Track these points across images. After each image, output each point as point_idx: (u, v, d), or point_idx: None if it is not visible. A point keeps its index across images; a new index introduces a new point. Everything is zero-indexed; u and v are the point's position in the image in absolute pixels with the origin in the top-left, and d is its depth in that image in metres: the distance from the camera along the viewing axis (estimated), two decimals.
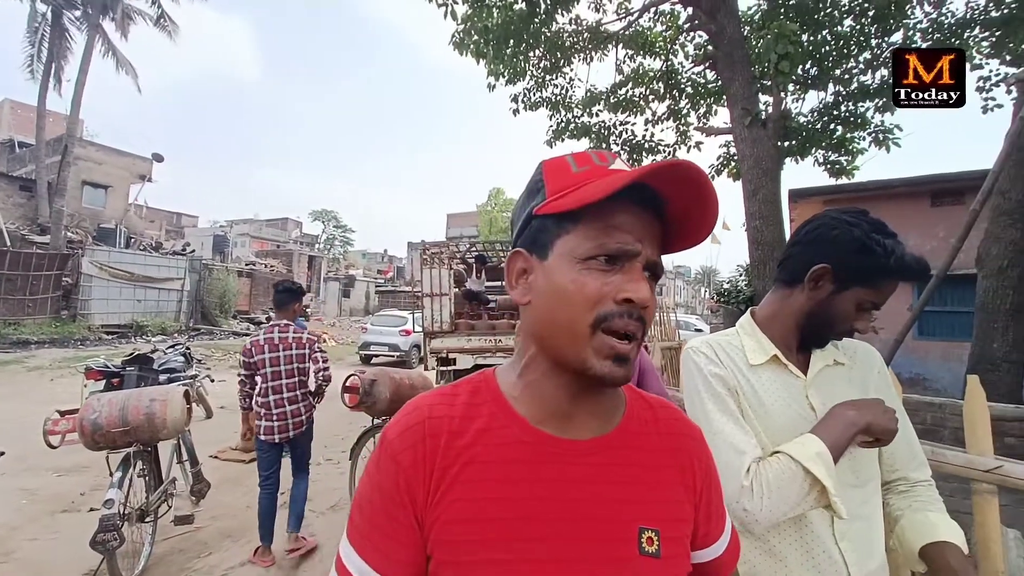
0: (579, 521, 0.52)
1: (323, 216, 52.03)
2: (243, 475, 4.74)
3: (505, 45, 6.74)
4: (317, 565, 3.11)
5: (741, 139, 5.66)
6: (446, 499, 0.52)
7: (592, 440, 0.56)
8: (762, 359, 0.99)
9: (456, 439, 0.54)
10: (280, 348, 3.20)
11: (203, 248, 25.13)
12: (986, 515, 1.30)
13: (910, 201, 8.19)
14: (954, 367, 7.64)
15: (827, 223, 0.96)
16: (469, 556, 0.50)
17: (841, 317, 0.94)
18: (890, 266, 0.88)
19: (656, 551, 0.52)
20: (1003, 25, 5.93)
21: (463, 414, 0.56)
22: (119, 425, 2.66)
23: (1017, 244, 4.56)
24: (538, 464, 0.53)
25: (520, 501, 0.51)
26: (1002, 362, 4.48)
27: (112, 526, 2.44)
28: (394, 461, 0.53)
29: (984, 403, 1.33)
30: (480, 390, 0.58)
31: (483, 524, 0.51)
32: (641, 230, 0.51)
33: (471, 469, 0.52)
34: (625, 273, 0.51)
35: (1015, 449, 3.02)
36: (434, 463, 0.53)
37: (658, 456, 0.58)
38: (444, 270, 7.32)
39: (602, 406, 0.57)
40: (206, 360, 12.16)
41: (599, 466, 0.54)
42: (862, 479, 0.96)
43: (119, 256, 16.96)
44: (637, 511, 0.54)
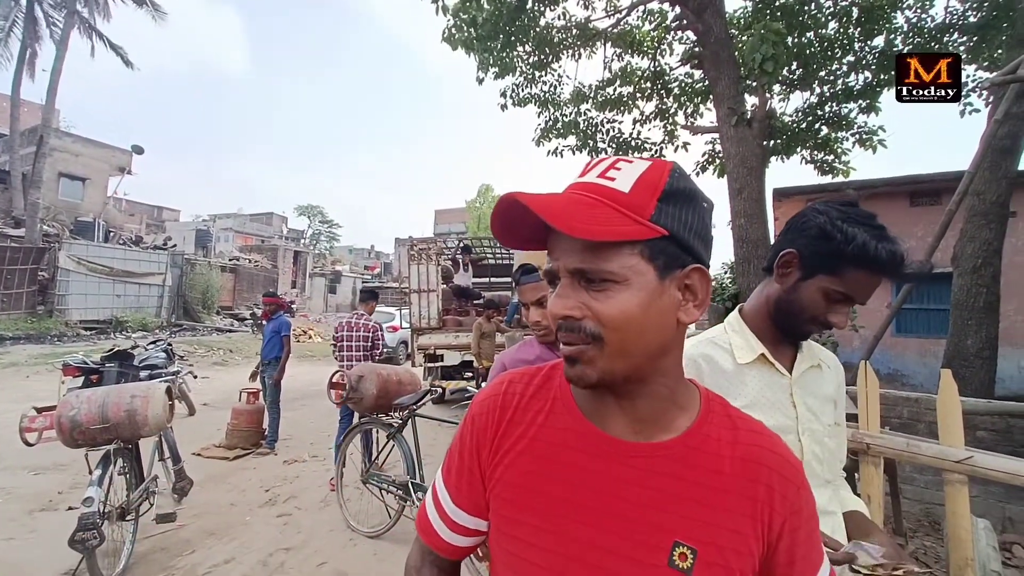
0: (615, 517, 0.54)
1: (309, 211, 51.27)
2: (227, 472, 4.68)
3: (494, 39, 6.72)
4: (304, 561, 3.09)
5: (727, 138, 5.73)
6: (504, 462, 0.61)
7: (643, 444, 0.56)
8: (750, 357, 0.99)
9: (521, 414, 0.62)
10: (354, 329, 4.78)
11: (185, 243, 24.65)
12: (957, 504, 1.34)
13: (890, 201, 8.37)
14: (930, 363, 7.85)
15: (802, 212, 0.98)
16: (514, 514, 0.59)
17: (808, 305, 0.94)
18: (848, 253, 0.87)
19: (688, 568, 0.52)
20: (979, 31, 6.08)
21: (533, 394, 0.63)
22: (99, 422, 2.60)
23: (990, 244, 4.70)
24: (586, 455, 0.57)
25: (564, 484, 0.57)
26: (975, 358, 4.62)
27: (91, 524, 2.40)
28: (472, 422, 0.65)
29: (956, 396, 1.37)
30: (555, 377, 0.64)
31: (528, 492, 0.58)
32: (557, 245, 0.54)
33: (526, 443, 0.60)
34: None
35: (986, 442, 3.13)
36: (498, 430, 0.62)
37: (722, 479, 0.55)
38: (432, 266, 7.29)
39: (638, 410, 0.57)
40: (189, 357, 11.96)
41: (645, 471, 0.55)
42: (833, 475, 1.01)
43: (98, 250, 16.57)
44: (676, 524, 0.53)
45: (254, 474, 4.68)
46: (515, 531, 0.58)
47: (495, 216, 0.55)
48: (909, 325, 8.61)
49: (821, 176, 7.53)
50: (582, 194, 0.53)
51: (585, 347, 0.52)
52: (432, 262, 7.34)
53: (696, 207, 0.54)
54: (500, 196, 0.54)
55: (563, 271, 0.54)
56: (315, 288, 31.05)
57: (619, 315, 0.51)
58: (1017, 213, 6.23)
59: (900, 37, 6.75)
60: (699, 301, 0.54)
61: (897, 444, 1.46)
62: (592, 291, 0.52)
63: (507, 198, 0.52)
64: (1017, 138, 4.68)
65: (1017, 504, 3.22)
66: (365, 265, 44.81)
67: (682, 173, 0.54)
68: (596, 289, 0.52)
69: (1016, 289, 6.92)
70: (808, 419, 0.98)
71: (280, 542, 3.33)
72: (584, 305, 0.52)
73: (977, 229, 4.74)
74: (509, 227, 0.57)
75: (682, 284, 0.53)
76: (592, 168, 0.56)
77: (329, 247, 49.94)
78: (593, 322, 0.52)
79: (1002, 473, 1.30)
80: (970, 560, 1.28)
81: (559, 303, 0.53)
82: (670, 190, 0.52)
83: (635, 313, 0.51)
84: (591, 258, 0.51)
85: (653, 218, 0.51)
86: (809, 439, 0.97)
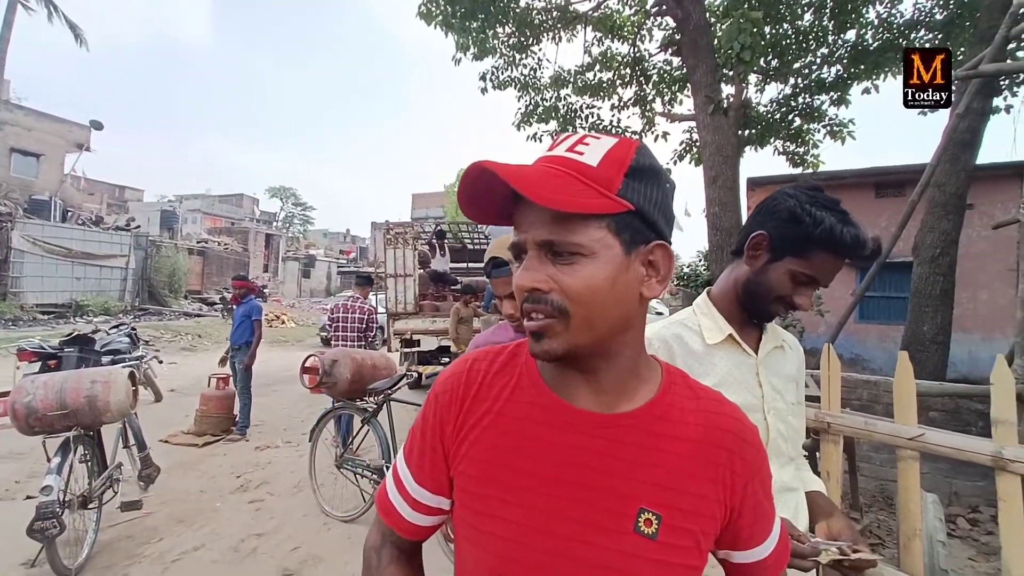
0: (580, 487, 0.55)
1: (281, 193, 49.78)
2: (196, 459, 4.58)
3: (473, 18, 6.58)
4: (277, 546, 3.07)
5: (703, 126, 5.78)
6: (469, 438, 0.60)
7: (609, 415, 0.57)
8: (718, 338, 1.01)
9: (486, 390, 0.62)
10: (351, 311, 5.15)
11: (149, 224, 23.67)
12: (908, 479, 1.41)
13: (857, 191, 8.64)
14: (889, 348, 8.22)
15: (772, 196, 1.00)
16: (478, 489, 0.59)
17: (776, 287, 0.96)
18: (816, 236, 0.89)
19: (653, 533, 0.53)
20: (945, 28, 6.26)
21: (498, 370, 0.63)
22: (56, 408, 2.50)
23: (948, 234, 4.90)
24: (552, 428, 0.57)
25: (530, 457, 0.57)
26: (931, 343, 4.85)
27: (51, 513, 2.32)
28: (436, 399, 0.64)
29: (911, 378, 1.43)
30: (519, 354, 0.64)
31: (495, 467, 0.58)
32: (525, 217, 0.53)
33: (492, 418, 0.60)
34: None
35: (937, 422, 3.30)
36: (463, 407, 0.62)
37: (687, 445, 0.57)
38: (408, 250, 7.20)
39: (602, 383, 0.57)
40: (154, 342, 11.59)
41: (611, 441, 0.56)
42: (795, 453, 1.05)
43: (55, 230, 15.76)
44: (642, 492, 0.54)
45: (224, 460, 4.59)
46: (480, 505, 0.58)
47: (463, 185, 0.54)
48: (871, 312, 8.97)
49: (793, 168, 7.71)
50: (551, 167, 0.53)
51: (551, 321, 0.52)
52: (408, 246, 7.24)
53: (660, 184, 0.54)
54: (468, 165, 0.52)
55: (531, 243, 0.53)
56: (288, 272, 30.35)
57: (585, 288, 0.51)
58: (974, 205, 6.53)
59: (871, 32, 6.90)
60: (661, 276, 0.55)
61: (856, 423, 1.53)
62: (559, 264, 0.52)
63: (476, 166, 0.51)
64: (976, 132, 4.86)
65: (962, 479, 3.43)
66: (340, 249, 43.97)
67: (647, 151, 0.55)
68: (563, 262, 0.52)
69: (968, 278, 7.28)
70: (773, 398, 1.01)
71: (252, 528, 3.30)
72: (550, 278, 0.52)
73: (937, 220, 4.93)
74: (476, 198, 0.55)
75: (646, 259, 0.54)
76: (561, 142, 0.56)
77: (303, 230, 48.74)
78: (559, 295, 0.51)
79: (950, 449, 1.37)
80: (918, 531, 1.35)
81: (526, 276, 0.53)
82: (636, 166, 0.52)
83: (601, 287, 0.51)
84: (559, 230, 0.51)
85: (620, 192, 0.51)
86: (774, 417, 1.00)
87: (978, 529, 3.19)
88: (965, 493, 3.44)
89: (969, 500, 3.42)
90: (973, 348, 7.99)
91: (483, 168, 0.51)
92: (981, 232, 7.48)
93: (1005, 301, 7.68)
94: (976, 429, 3.37)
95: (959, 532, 3.14)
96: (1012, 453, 1.24)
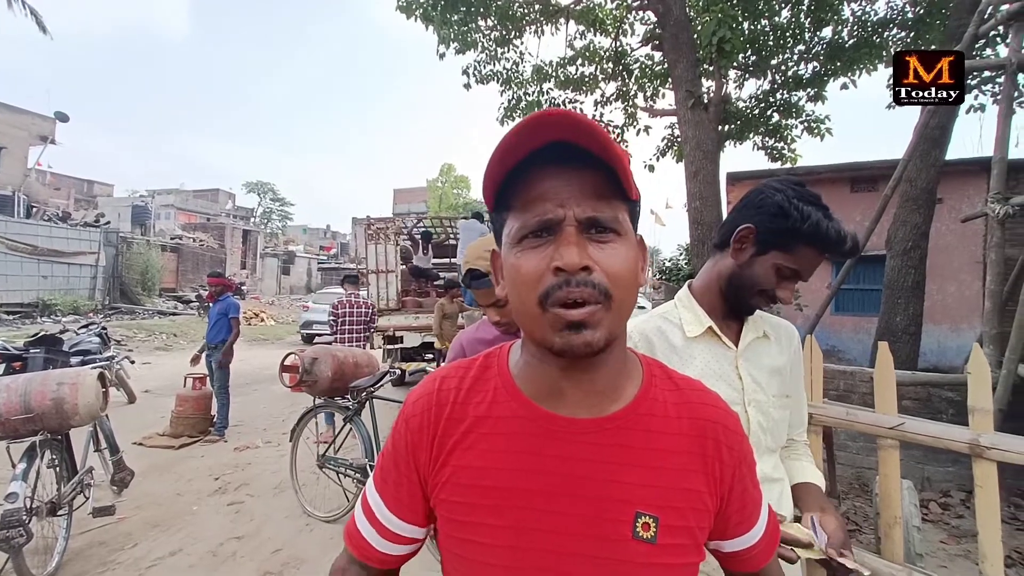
0: (574, 497, 0.52)
1: (259, 188, 48.67)
2: (172, 462, 4.46)
3: (454, 10, 6.49)
4: (257, 549, 3.00)
5: (684, 121, 5.83)
6: (449, 463, 0.56)
7: (594, 419, 0.54)
8: (698, 331, 1.02)
9: (459, 410, 0.58)
10: (354, 307, 5.34)
11: (120, 220, 22.88)
12: (888, 467, 1.44)
13: (833, 186, 8.81)
14: (863, 339, 8.45)
15: (759, 189, 1.00)
16: (464, 516, 0.55)
17: (761, 280, 0.96)
18: (803, 231, 0.90)
19: (651, 537, 0.52)
20: (916, 25, 6.43)
21: (471, 386, 0.59)
22: (20, 412, 2.39)
23: (919, 228, 5.05)
24: (537, 439, 0.54)
25: (517, 472, 0.54)
26: (903, 334, 5.00)
27: (16, 521, 2.22)
28: (406, 424, 0.60)
29: (891, 368, 1.46)
30: (491, 365, 0.61)
31: (480, 490, 0.54)
32: (563, 190, 0.49)
33: (472, 438, 0.56)
34: (556, 242, 0.49)
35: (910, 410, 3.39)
36: (437, 430, 0.58)
37: (675, 440, 0.56)
38: (390, 246, 7.11)
39: (595, 383, 0.55)
40: (127, 341, 11.25)
41: (599, 446, 0.53)
42: (777, 445, 1.04)
43: (19, 227, 15.14)
44: (636, 494, 0.53)
45: (202, 462, 4.48)
46: (467, 533, 0.55)
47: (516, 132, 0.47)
48: (846, 304, 9.20)
49: (772, 162, 7.85)
50: None
51: (595, 307, 0.48)
52: (390, 242, 7.15)
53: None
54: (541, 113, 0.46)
55: (572, 220, 0.49)
56: (267, 269, 29.78)
57: (623, 269, 0.50)
58: (943, 199, 6.73)
59: (846, 29, 7.04)
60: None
61: (838, 413, 1.55)
62: (595, 243, 0.50)
63: (560, 116, 0.46)
64: (946, 129, 5.01)
65: (934, 465, 3.55)
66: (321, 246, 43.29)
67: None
68: (600, 241, 0.50)
69: (938, 270, 7.51)
70: (753, 390, 1.01)
71: (231, 531, 3.22)
72: (591, 258, 0.49)
73: (908, 214, 5.07)
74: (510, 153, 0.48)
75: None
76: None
77: (282, 226, 47.86)
78: (602, 276, 0.49)
79: (927, 437, 1.40)
80: (898, 518, 1.38)
81: (576, 252, 0.48)
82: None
83: (633, 268, 0.51)
84: (603, 207, 0.50)
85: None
86: (755, 410, 1.00)
87: (949, 513, 3.30)
88: (937, 479, 3.56)
89: (940, 485, 3.54)
90: (942, 338, 8.27)
91: (562, 118, 0.46)
92: (949, 225, 7.72)
93: (972, 293, 7.96)
94: (947, 416, 3.49)
95: (931, 516, 3.25)
96: (988, 440, 1.27)
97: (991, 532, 1.25)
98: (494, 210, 0.55)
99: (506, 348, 0.63)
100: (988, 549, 1.24)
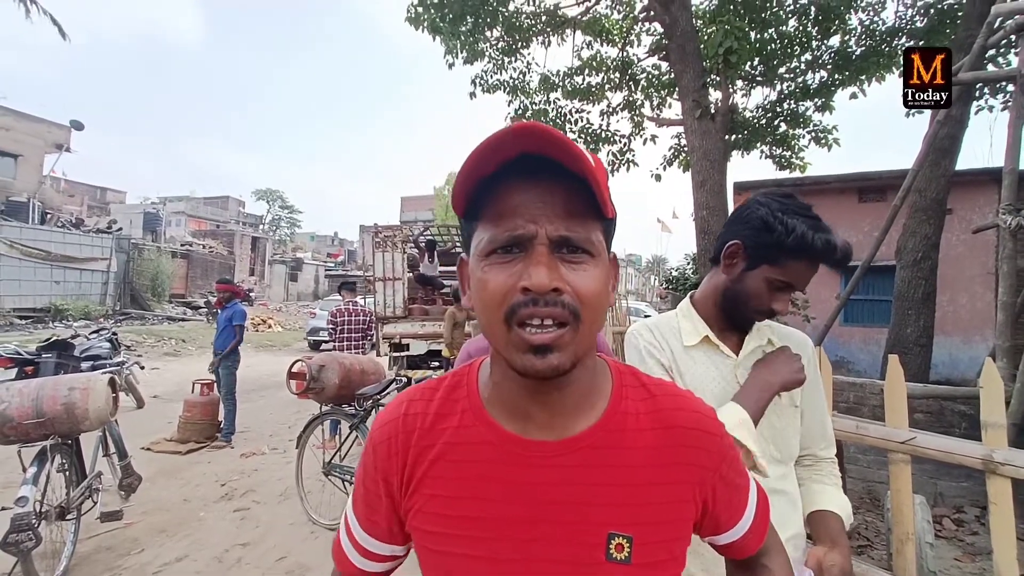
0: (546, 524, 0.51)
1: (268, 196, 49.19)
2: (179, 467, 4.48)
3: (461, 21, 6.57)
4: (263, 556, 3.00)
5: (691, 131, 5.83)
6: (420, 491, 0.55)
7: (562, 441, 0.53)
8: (695, 340, 1.02)
9: (426, 436, 0.56)
10: (353, 315, 5.41)
11: (132, 226, 23.20)
12: (900, 482, 1.42)
13: (841, 197, 8.77)
14: (873, 351, 8.35)
15: (745, 204, 1.00)
16: (437, 547, 0.54)
17: (753, 295, 0.96)
18: (788, 244, 0.89)
19: (626, 558, 0.51)
20: (926, 35, 6.41)
21: (437, 411, 0.57)
22: (32, 416, 2.42)
23: (930, 238, 5.01)
24: (507, 465, 0.53)
25: (488, 501, 0.52)
26: (914, 345, 4.94)
27: (26, 525, 2.24)
28: (373, 451, 0.59)
29: (902, 381, 1.45)
30: (460, 385, 0.59)
31: (451, 520, 0.53)
32: (536, 207, 0.47)
33: (441, 466, 0.55)
34: (526, 259, 0.47)
35: (922, 423, 3.35)
36: (406, 458, 0.56)
37: (647, 454, 0.54)
38: (397, 254, 7.15)
39: (563, 404, 0.53)
40: (136, 347, 11.35)
41: (569, 468, 0.52)
42: (784, 455, 1.02)
43: (33, 233, 15.39)
44: (608, 515, 0.51)
45: (209, 468, 4.50)
46: (442, 563, 0.54)
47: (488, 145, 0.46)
48: (855, 315, 9.11)
49: (779, 171, 7.82)
50: None
51: (562, 331, 0.47)
52: (397, 250, 7.19)
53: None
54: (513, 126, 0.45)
55: (543, 238, 0.47)
56: (275, 276, 29.98)
57: (593, 291, 0.48)
58: (953, 210, 6.67)
59: (854, 38, 7.04)
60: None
61: (847, 426, 1.54)
62: (567, 264, 0.48)
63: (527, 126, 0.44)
64: (955, 139, 4.98)
65: (946, 480, 3.49)
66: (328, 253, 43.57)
67: None
68: (572, 261, 0.48)
69: (948, 282, 7.42)
70: None
71: (237, 537, 3.22)
72: (562, 279, 0.47)
73: (918, 224, 5.03)
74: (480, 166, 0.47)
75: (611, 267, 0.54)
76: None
77: (290, 233, 48.23)
78: (572, 298, 0.47)
79: (940, 452, 1.38)
80: (911, 534, 1.36)
81: (546, 273, 0.46)
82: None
83: (602, 290, 0.50)
84: (576, 226, 0.48)
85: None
86: None
87: (963, 529, 3.24)
88: (950, 494, 3.49)
89: (954, 501, 3.47)
90: (953, 351, 8.15)
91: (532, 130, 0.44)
92: (960, 236, 7.64)
93: (984, 304, 7.85)
94: (960, 430, 3.43)
95: (945, 533, 3.18)
96: (1002, 456, 1.25)
97: (1006, 550, 1.23)
98: (463, 218, 0.53)
99: (476, 366, 0.61)
100: (1004, 568, 1.22)
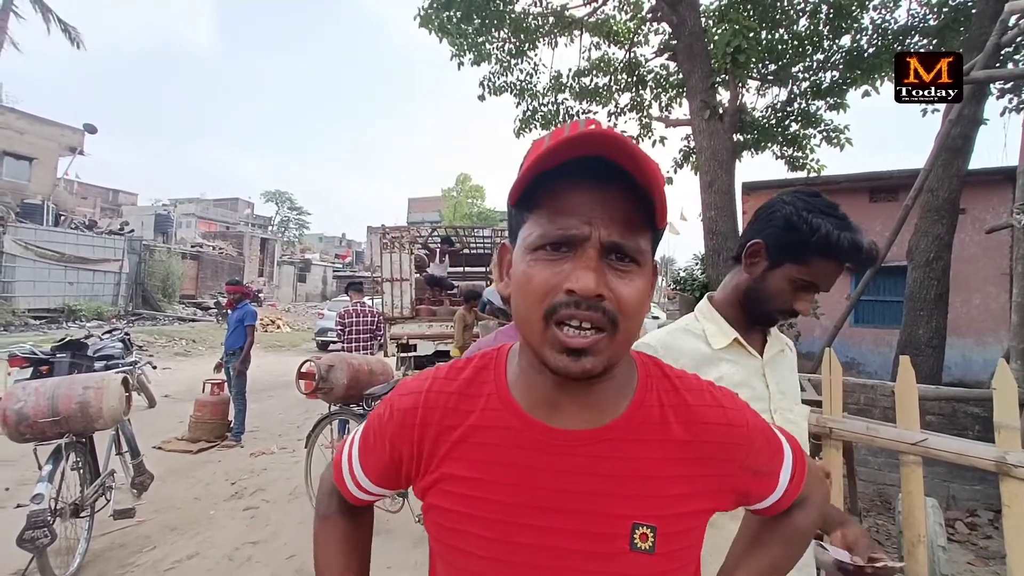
0: (569, 512, 0.51)
1: (276, 197, 49.63)
2: (190, 466, 4.53)
3: (468, 22, 6.60)
4: (272, 554, 3.03)
5: (699, 131, 5.82)
6: (440, 469, 0.56)
7: (588, 431, 0.53)
8: (724, 343, 1.02)
9: (450, 416, 0.56)
10: (360, 315, 5.47)
11: (143, 228, 23.50)
12: (911, 484, 1.41)
13: (852, 196, 8.69)
14: (884, 352, 8.25)
15: (769, 203, 1.00)
16: (453, 524, 0.55)
17: (775, 293, 0.96)
18: (812, 243, 0.89)
19: (650, 547, 0.51)
20: (938, 33, 6.34)
21: (463, 390, 0.58)
22: (48, 415, 2.46)
23: (942, 239, 4.95)
24: (531, 451, 0.53)
25: (510, 486, 0.52)
26: (926, 347, 4.88)
27: (42, 522, 2.28)
28: (390, 413, 0.60)
29: (914, 382, 1.43)
30: (487, 368, 0.59)
31: (470, 500, 0.54)
32: (593, 210, 0.47)
33: (464, 448, 0.55)
34: (574, 260, 0.47)
35: (934, 425, 3.31)
36: (423, 432, 0.57)
37: (672, 447, 0.54)
38: (405, 255, 7.18)
39: (592, 397, 0.53)
40: (148, 347, 11.48)
41: (594, 458, 0.52)
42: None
43: (47, 234, 15.63)
44: (632, 506, 0.51)
45: (219, 467, 4.54)
46: (455, 541, 0.55)
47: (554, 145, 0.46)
48: (866, 316, 9.01)
49: (791, 172, 7.75)
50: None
51: (599, 336, 0.47)
52: (405, 251, 7.22)
53: None
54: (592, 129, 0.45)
55: (595, 241, 0.47)
56: (284, 277, 30.21)
57: (635, 301, 0.48)
58: (966, 210, 6.59)
59: (866, 37, 6.98)
60: (652, 292, 0.55)
61: (858, 428, 1.53)
62: (614, 271, 0.48)
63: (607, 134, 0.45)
64: (968, 138, 4.92)
65: (959, 483, 3.44)
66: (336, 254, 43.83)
67: None
68: (620, 269, 0.48)
69: (962, 282, 7.32)
70: (779, 398, 1.02)
71: (247, 536, 3.25)
72: (607, 285, 0.47)
73: (930, 224, 4.97)
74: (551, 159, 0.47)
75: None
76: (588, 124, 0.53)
77: (298, 235, 48.61)
78: (613, 305, 0.47)
79: (952, 454, 1.37)
80: (922, 537, 1.35)
81: (594, 278, 0.46)
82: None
83: (644, 300, 0.50)
84: (629, 234, 0.48)
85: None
86: (780, 418, 1.01)
87: (976, 533, 3.19)
88: (963, 497, 3.44)
89: (967, 504, 3.42)
90: (967, 352, 8.04)
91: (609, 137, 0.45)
92: (973, 236, 7.54)
93: (998, 305, 7.74)
94: (973, 433, 3.38)
95: (958, 536, 3.14)
96: (1016, 458, 1.24)
97: (1021, 554, 1.21)
98: (515, 206, 0.53)
99: (504, 351, 0.61)
100: (1018, 572, 1.21)
